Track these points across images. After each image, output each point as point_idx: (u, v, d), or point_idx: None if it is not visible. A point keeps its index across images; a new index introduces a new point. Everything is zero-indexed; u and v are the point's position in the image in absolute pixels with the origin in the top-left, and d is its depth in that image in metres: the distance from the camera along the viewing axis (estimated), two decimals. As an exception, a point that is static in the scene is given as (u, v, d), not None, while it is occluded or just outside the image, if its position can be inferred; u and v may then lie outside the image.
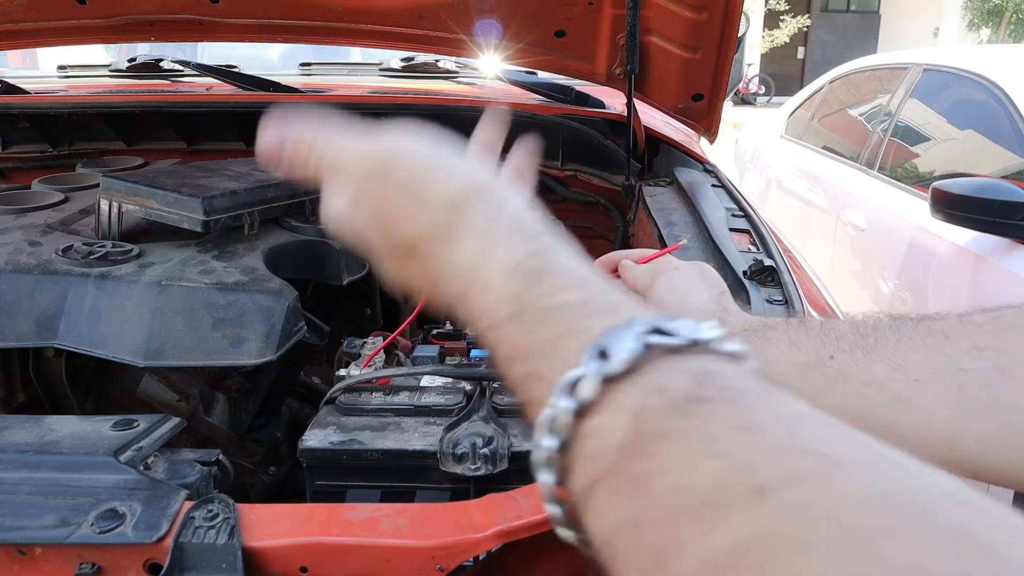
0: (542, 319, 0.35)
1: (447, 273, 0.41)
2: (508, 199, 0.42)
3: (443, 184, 0.42)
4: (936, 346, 0.50)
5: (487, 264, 0.39)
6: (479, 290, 0.39)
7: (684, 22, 1.31)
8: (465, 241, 0.40)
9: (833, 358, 0.54)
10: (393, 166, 0.44)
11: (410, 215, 0.42)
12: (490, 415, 0.89)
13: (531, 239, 0.39)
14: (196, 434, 1.10)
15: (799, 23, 16.26)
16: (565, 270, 0.37)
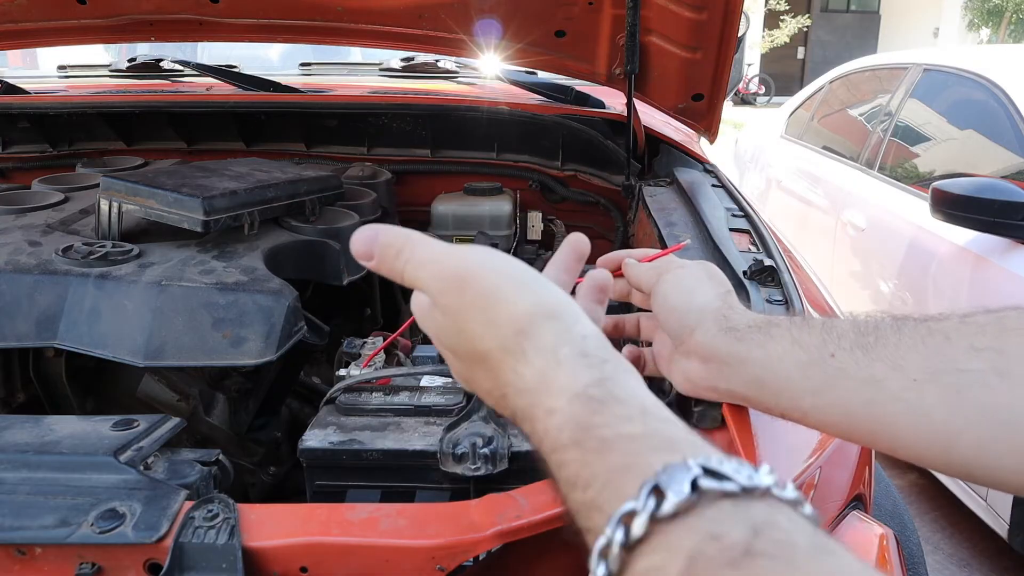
0: (603, 448, 0.37)
1: (514, 388, 0.43)
2: (575, 324, 0.44)
3: (514, 304, 0.45)
4: (936, 346, 0.50)
5: (553, 385, 0.41)
6: (544, 411, 0.41)
7: (684, 22, 1.31)
8: (532, 360, 0.43)
9: (834, 356, 0.54)
10: (469, 283, 0.47)
11: (482, 330, 0.45)
12: (490, 415, 0.89)
13: (596, 365, 0.41)
14: (196, 434, 1.10)
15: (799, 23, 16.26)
16: (627, 400, 0.39)
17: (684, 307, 0.66)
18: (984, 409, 0.48)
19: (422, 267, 0.49)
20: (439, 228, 1.62)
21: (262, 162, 1.38)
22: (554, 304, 0.45)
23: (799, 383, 0.56)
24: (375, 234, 0.51)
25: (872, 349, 0.53)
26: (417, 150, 1.74)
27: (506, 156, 1.72)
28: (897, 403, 0.51)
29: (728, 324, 0.62)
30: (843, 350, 0.54)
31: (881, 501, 1.17)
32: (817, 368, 0.55)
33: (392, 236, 0.51)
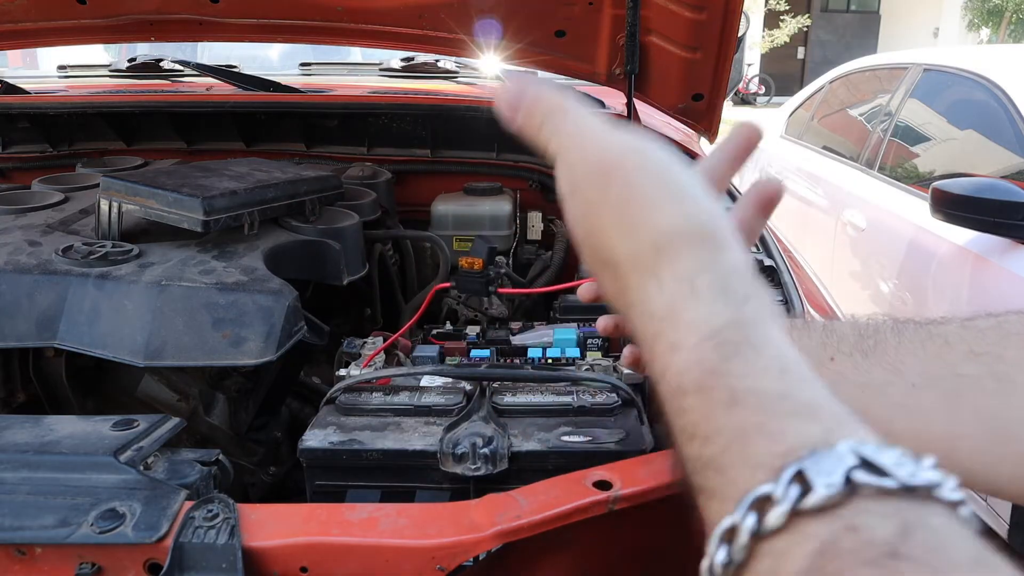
0: (732, 401, 0.33)
1: (639, 309, 0.38)
2: (724, 252, 0.38)
3: (660, 214, 0.39)
4: (935, 351, 0.49)
5: (683, 319, 0.36)
6: (668, 345, 0.36)
7: (684, 22, 1.31)
8: (666, 283, 0.37)
9: (833, 360, 0.53)
10: (616, 176, 0.40)
11: (618, 235, 0.40)
12: (490, 415, 0.89)
13: (736, 304, 0.36)
14: (196, 434, 1.10)
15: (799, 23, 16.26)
16: (765, 350, 0.34)
17: None
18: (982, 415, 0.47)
19: (571, 140, 0.43)
20: (439, 228, 1.62)
21: (262, 162, 1.38)
22: (704, 223, 0.39)
23: None
24: (525, 88, 0.45)
25: (871, 353, 0.52)
26: (417, 150, 1.74)
27: (506, 156, 1.72)
28: (895, 409, 0.50)
29: None
30: (842, 354, 0.53)
31: (881, 501, 1.16)
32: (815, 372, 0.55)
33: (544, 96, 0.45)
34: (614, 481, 0.69)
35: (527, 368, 1.03)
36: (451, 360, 1.09)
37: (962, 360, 0.48)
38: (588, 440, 0.83)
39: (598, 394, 0.92)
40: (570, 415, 0.89)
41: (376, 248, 1.45)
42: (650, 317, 0.37)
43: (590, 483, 0.70)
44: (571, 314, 1.27)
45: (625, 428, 0.86)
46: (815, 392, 0.33)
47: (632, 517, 0.71)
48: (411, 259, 1.62)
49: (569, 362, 1.06)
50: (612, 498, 0.68)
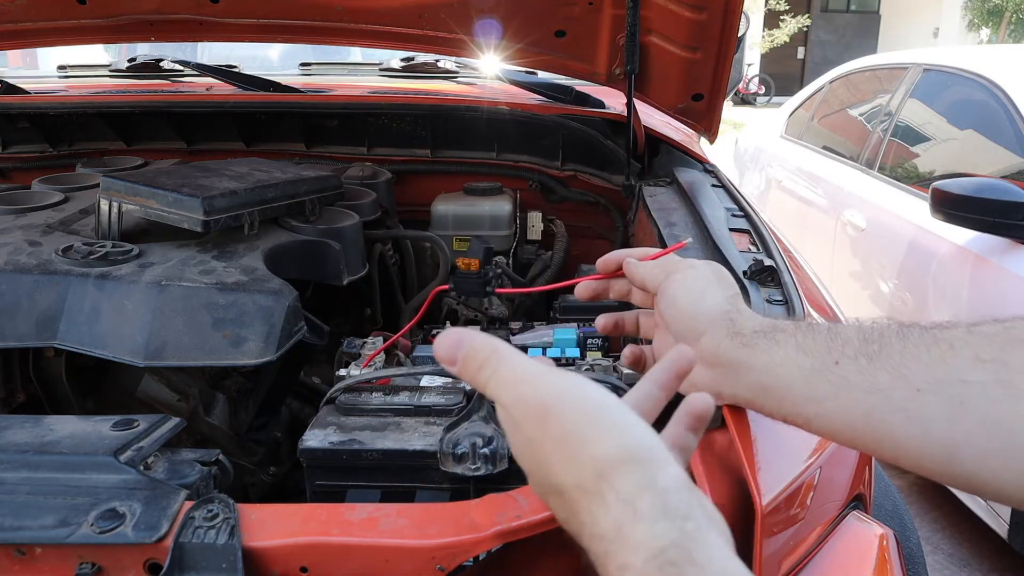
0: None
1: (589, 531, 0.42)
2: (661, 472, 0.42)
3: (598, 445, 0.43)
4: (940, 356, 0.49)
5: (629, 540, 0.39)
6: (618, 566, 0.39)
7: (684, 22, 1.31)
8: (611, 507, 0.41)
9: (838, 364, 0.54)
10: (552, 416, 0.45)
11: (561, 467, 0.44)
12: (490, 415, 0.89)
13: (676, 522, 0.39)
14: (196, 434, 1.10)
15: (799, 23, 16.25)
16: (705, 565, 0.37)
17: (692, 311, 0.65)
18: (986, 421, 0.47)
19: (506, 387, 0.48)
20: (439, 228, 1.62)
21: (262, 162, 1.38)
22: (638, 447, 0.43)
23: (803, 390, 0.56)
24: (460, 340, 0.50)
25: (876, 357, 0.52)
26: (417, 150, 1.74)
27: (506, 156, 1.72)
28: (899, 413, 0.50)
29: (734, 329, 0.62)
30: (847, 358, 0.54)
31: (881, 501, 1.17)
32: (821, 376, 0.55)
33: (478, 347, 0.50)
34: (614, 481, 0.69)
35: (527, 368, 1.03)
36: (451, 360, 1.09)
37: (968, 366, 0.48)
38: (588, 440, 0.83)
39: (598, 394, 0.92)
40: (570, 415, 0.89)
41: (376, 248, 1.45)
42: (599, 539, 0.41)
43: (590, 483, 0.69)
44: (571, 314, 1.27)
45: (625, 428, 0.86)
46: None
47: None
48: (411, 259, 1.62)
49: (569, 362, 1.06)
50: (612, 498, 0.68)
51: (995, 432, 0.47)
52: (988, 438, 0.47)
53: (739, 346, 0.61)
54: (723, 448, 0.70)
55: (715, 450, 0.70)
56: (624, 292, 0.77)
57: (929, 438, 0.49)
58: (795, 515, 0.71)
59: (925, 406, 0.49)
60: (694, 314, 0.65)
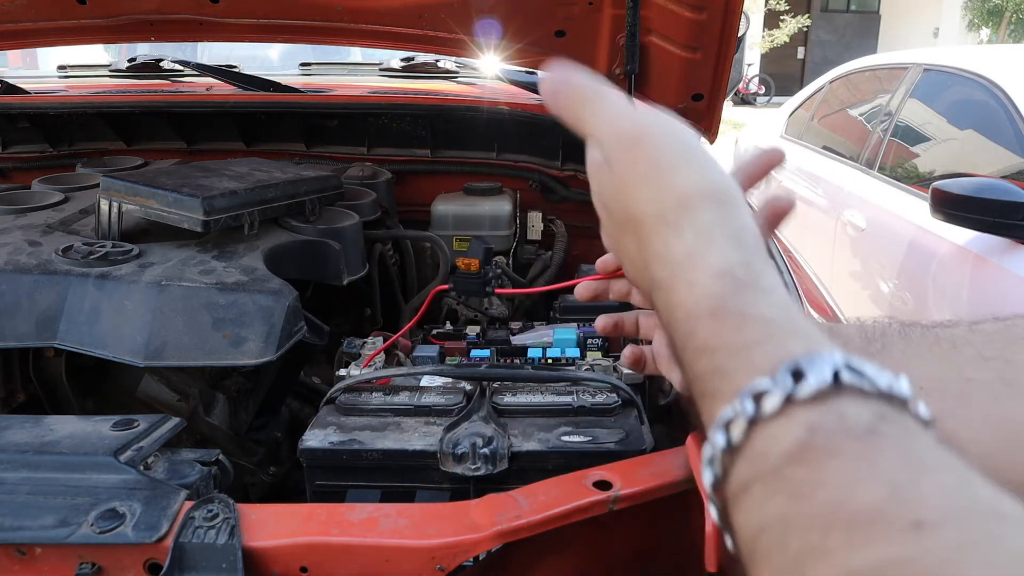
0: (741, 324, 0.37)
1: (660, 258, 0.43)
2: (738, 212, 0.43)
3: (684, 176, 0.44)
4: (942, 354, 0.50)
5: (700, 262, 0.41)
6: (686, 282, 0.41)
7: (684, 22, 1.31)
8: (686, 235, 0.42)
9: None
10: (643, 143, 0.46)
11: (645, 194, 0.45)
12: (490, 415, 0.89)
13: (746, 251, 0.41)
14: (196, 434, 1.10)
15: (799, 23, 16.25)
16: (770, 288, 0.39)
17: None
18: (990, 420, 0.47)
19: (604, 119, 0.49)
20: (439, 228, 1.62)
21: (262, 162, 1.38)
22: (722, 188, 0.44)
23: None
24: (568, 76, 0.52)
25: (878, 357, 0.52)
26: (417, 150, 1.74)
27: (506, 156, 1.72)
28: None
29: None
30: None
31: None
32: None
33: (583, 83, 0.51)
34: (614, 481, 0.69)
35: (527, 368, 1.03)
36: (451, 360, 1.09)
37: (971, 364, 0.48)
38: (588, 440, 0.83)
39: (598, 394, 0.92)
40: (570, 415, 0.89)
41: (376, 248, 1.45)
42: (670, 263, 0.42)
43: (590, 483, 0.70)
44: (571, 314, 1.27)
45: (625, 428, 0.86)
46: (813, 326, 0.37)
47: (632, 517, 0.71)
48: (411, 259, 1.62)
49: (569, 362, 1.06)
50: (612, 498, 0.68)
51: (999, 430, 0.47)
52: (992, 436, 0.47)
53: None
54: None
55: (715, 450, 0.70)
56: (624, 292, 0.77)
57: None
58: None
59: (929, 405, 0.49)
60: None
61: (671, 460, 0.73)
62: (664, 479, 0.70)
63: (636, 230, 0.45)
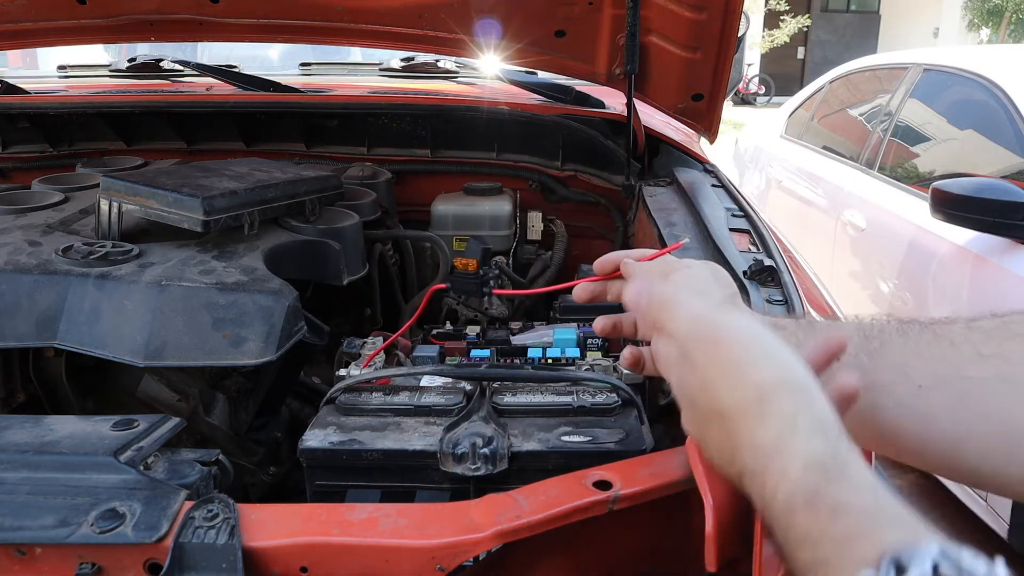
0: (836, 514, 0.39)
1: (749, 447, 0.45)
2: (815, 398, 0.45)
3: (762, 370, 0.47)
4: (941, 352, 0.50)
5: (788, 452, 0.43)
6: (777, 473, 0.42)
7: (684, 22, 1.31)
8: (771, 424, 0.44)
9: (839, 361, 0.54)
10: (723, 344, 0.49)
11: (727, 389, 0.47)
12: (490, 415, 0.89)
13: (831, 439, 0.43)
14: (196, 434, 1.10)
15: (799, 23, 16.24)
16: (859, 474, 0.41)
17: None
18: (989, 417, 0.48)
19: (683, 323, 0.53)
20: (439, 228, 1.62)
21: (262, 162, 1.38)
22: (797, 376, 0.46)
23: None
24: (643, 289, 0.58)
25: (877, 355, 0.53)
26: (417, 150, 1.74)
27: (506, 156, 1.72)
28: (902, 409, 0.51)
29: None
30: (848, 355, 0.54)
31: (881, 501, 1.16)
32: None
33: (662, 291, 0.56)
34: (614, 481, 0.69)
35: (527, 368, 1.03)
36: (451, 360, 1.09)
37: (969, 362, 0.49)
38: (588, 440, 0.83)
39: (598, 394, 0.92)
40: (570, 415, 0.89)
41: (376, 248, 1.45)
42: (757, 452, 0.44)
43: (590, 483, 0.69)
44: (571, 314, 1.27)
45: (625, 428, 0.86)
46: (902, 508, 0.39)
47: (632, 517, 0.71)
48: (411, 259, 1.62)
49: (569, 362, 1.06)
50: (612, 498, 0.68)
51: (997, 427, 0.48)
52: (990, 433, 0.48)
53: None
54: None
55: (715, 450, 0.70)
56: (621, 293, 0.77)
57: (932, 434, 0.50)
58: (795, 515, 0.71)
59: (928, 403, 0.50)
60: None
61: (671, 460, 0.73)
62: (664, 479, 0.70)
63: (722, 421, 0.48)
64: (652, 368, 0.74)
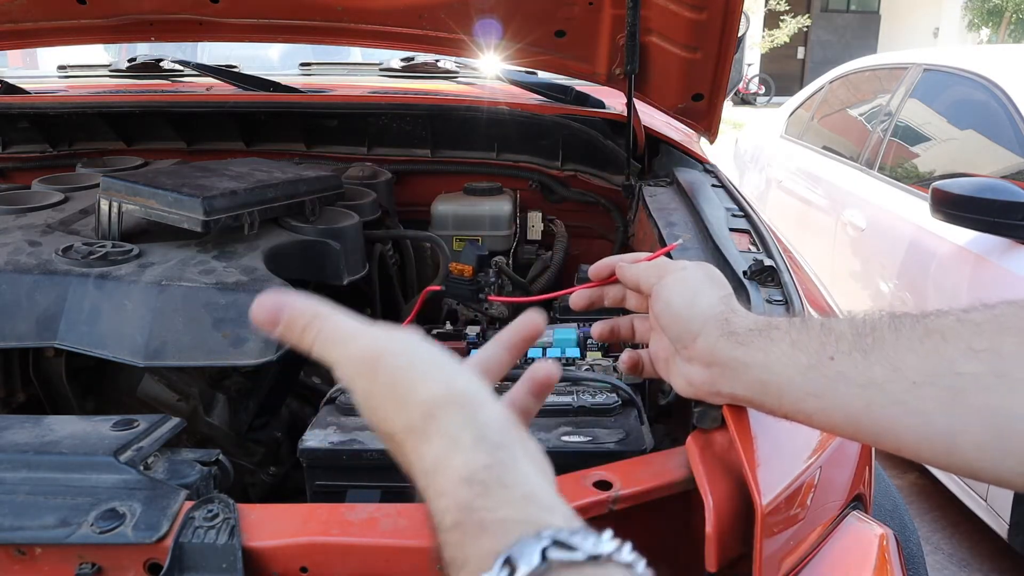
0: (479, 532, 0.38)
1: (417, 469, 0.44)
2: (482, 410, 0.44)
3: (424, 388, 0.45)
4: (933, 347, 0.50)
5: (446, 470, 0.41)
6: (435, 492, 0.41)
7: (684, 22, 1.31)
8: (434, 443, 0.43)
9: (833, 359, 0.55)
10: (381, 365, 0.47)
11: (392, 412, 0.46)
12: (490, 415, 0.89)
13: (490, 451, 0.41)
14: (196, 434, 1.10)
15: (799, 23, 16.25)
16: (513, 486, 0.40)
17: (687, 313, 0.66)
18: (983, 412, 0.48)
19: (332, 346, 0.49)
20: (439, 228, 1.62)
21: (262, 162, 1.38)
22: (463, 390, 0.45)
23: (800, 386, 0.57)
24: (281, 304, 0.50)
25: (871, 351, 0.53)
26: (417, 150, 1.74)
27: (506, 156, 1.72)
28: (897, 406, 0.51)
29: (729, 328, 0.62)
30: (842, 353, 0.54)
31: (881, 501, 1.17)
32: (817, 371, 0.56)
33: (299, 310, 0.50)
34: (614, 481, 0.69)
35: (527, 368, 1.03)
36: (451, 360, 1.09)
37: (961, 357, 0.49)
38: (588, 440, 0.83)
39: (598, 394, 0.92)
40: (570, 415, 0.89)
41: (376, 248, 1.45)
42: (423, 473, 0.43)
43: (590, 483, 0.69)
44: (571, 314, 1.26)
45: (625, 428, 0.86)
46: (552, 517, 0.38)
47: (632, 517, 0.71)
48: (411, 259, 1.62)
49: (569, 362, 1.06)
50: (612, 498, 0.68)
51: (992, 421, 0.47)
52: (985, 428, 0.48)
53: (735, 345, 0.61)
54: (723, 448, 0.70)
55: (715, 450, 0.70)
56: (619, 298, 0.77)
57: (928, 429, 0.50)
58: (795, 515, 0.71)
59: (922, 399, 0.50)
60: (688, 317, 0.65)
61: (671, 460, 0.73)
62: (664, 479, 0.70)
63: (392, 440, 0.46)
64: (651, 371, 0.74)
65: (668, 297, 0.68)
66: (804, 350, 0.57)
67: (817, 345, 0.56)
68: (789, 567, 0.71)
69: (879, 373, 0.52)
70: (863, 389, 0.53)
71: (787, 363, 0.57)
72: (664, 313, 0.68)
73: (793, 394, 0.57)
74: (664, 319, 0.68)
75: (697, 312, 0.65)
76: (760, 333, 0.60)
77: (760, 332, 0.60)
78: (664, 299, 0.68)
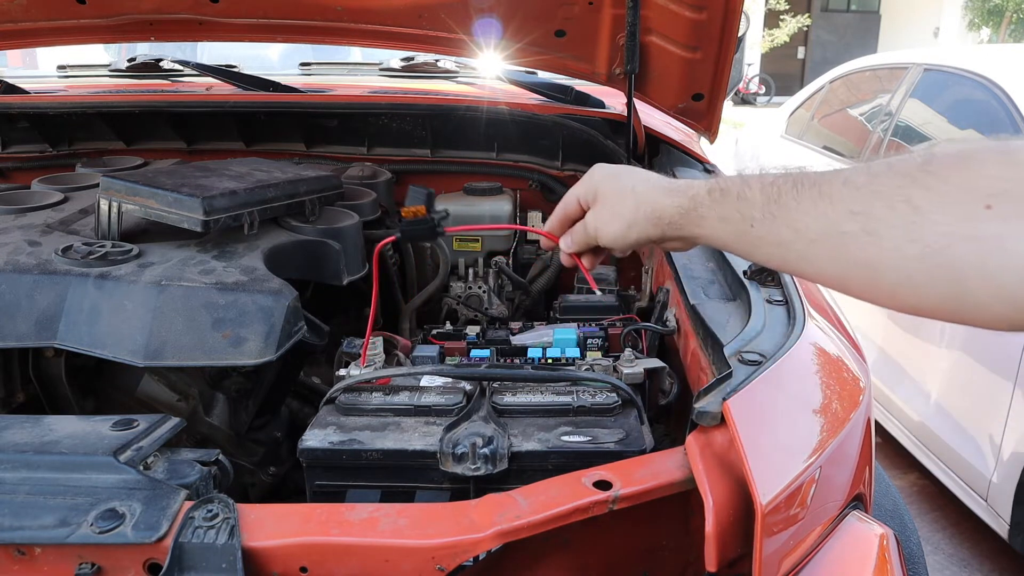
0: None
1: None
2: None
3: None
4: (823, 211, 0.61)
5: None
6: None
7: (684, 22, 1.31)
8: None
9: (753, 226, 0.68)
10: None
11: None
12: (490, 415, 0.89)
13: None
14: (196, 434, 1.10)
15: (799, 23, 16.25)
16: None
17: (627, 242, 0.81)
18: (857, 263, 0.59)
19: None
20: (439, 228, 1.62)
21: (262, 162, 1.38)
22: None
23: (735, 248, 0.72)
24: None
25: (777, 217, 0.66)
26: (417, 150, 1.74)
27: (506, 156, 1.72)
28: (802, 262, 0.64)
29: (663, 225, 0.77)
30: (757, 220, 0.68)
31: (881, 501, 1.16)
32: (744, 237, 0.69)
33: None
34: (614, 481, 0.69)
35: (527, 368, 1.03)
36: (451, 360, 1.09)
37: (843, 218, 0.59)
38: (588, 440, 0.83)
39: (598, 394, 0.92)
40: (570, 415, 0.89)
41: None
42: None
43: (590, 483, 0.69)
44: (571, 314, 1.27)
45: (625, 428, 0.86)
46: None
47: (632, 517, 0.71)
48: (411, 259, 1.62)
49: (569, 362, 1.06)
50: (612, 498, 0.68)
51: (862, 272, 0.59)
52: (858, 276, 0.60)
53: (675, 230, 0.76)
54: (723, 448, 0.70)
55: (715, 450, 0.70)
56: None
57: (824, 276, 0.64)
58: (795, 515, 0.71)
59: (818, 254, 0.62)
60: (631, 243, 0.80)
61: (671, 460, 0.73)
62: (664, 479, 0.70)
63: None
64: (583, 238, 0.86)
65: (606, 238, 0.82)
66: (729, 221, 0.71)
67: (737, 217, 0.69)
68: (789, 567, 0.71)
69: (786, 235, 0.65)
70: (777, 248, 0.66)
71: (719, 234, 0.73)
72: (611, 246, 0.83)
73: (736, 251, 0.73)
74: (615, 249, 0.84)
75: (633, 233, 0.79)
76: (688, 214, 0.75)
77: (689, 213, 0.75)
78: (605, 240, 0.83)
